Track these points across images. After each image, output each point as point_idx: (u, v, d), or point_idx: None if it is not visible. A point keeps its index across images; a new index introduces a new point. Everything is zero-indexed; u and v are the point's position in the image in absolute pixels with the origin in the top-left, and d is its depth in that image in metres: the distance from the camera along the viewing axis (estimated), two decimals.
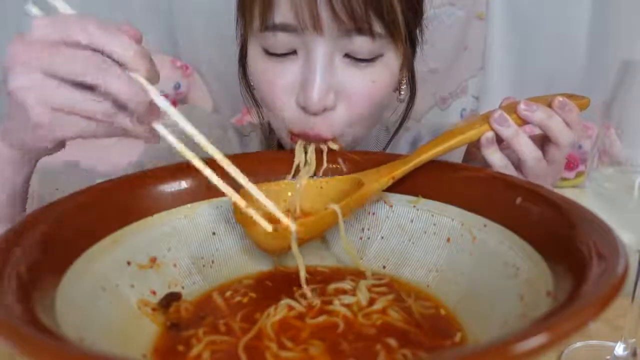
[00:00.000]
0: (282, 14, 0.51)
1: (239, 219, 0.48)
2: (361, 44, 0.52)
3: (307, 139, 0.55)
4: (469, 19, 1.19)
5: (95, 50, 0.36)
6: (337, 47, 0.52)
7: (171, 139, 0.39)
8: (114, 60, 0.36)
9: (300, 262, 0.45)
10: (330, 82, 0.53)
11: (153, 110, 0.39)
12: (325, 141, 0.55)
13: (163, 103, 0.38)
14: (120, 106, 0.37)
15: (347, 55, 0.53)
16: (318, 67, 0.52)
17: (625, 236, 0.35)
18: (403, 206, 0.51)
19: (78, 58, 0.36)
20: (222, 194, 0.50)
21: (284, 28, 0.52)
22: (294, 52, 0.53)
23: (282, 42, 0.53)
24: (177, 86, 1.17)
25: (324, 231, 0.49)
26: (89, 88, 0.36)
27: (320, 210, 0.48)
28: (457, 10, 1.17)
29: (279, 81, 0.54)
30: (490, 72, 1.22)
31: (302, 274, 0.45)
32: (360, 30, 0.51)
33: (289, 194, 0.52)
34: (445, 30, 0.62)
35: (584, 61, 1.17)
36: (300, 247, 0.48)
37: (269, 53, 0.54)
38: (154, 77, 0.38)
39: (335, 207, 0.46)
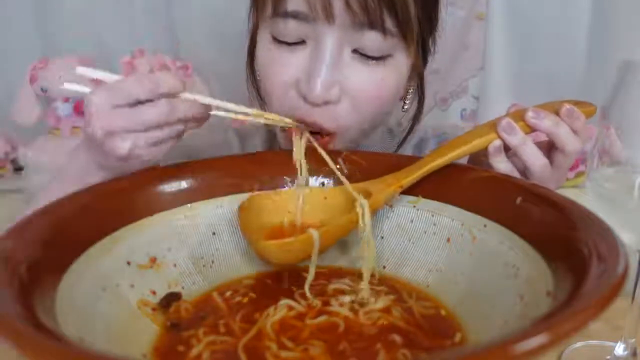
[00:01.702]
0: (295, 1, 0.51)
1: (244, 228, 0.48)
2: (372, 40, 0.52)
3: (304, 124, 0.54)
4: (469, 19, 1.19)
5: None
6: (347, 40, 0.52)
7: (205, 99, 0.48)
8: (168, 94, 0.45)
9: (312, 272, 0.45)
10: (336, 76, 0.53)
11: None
12: (322, 134, 0.55)
13: (209, 100, 0.48)
14: (187, 120, 0.47)
15: (356, 51, 0.53)
16: (326, 57, 0.52)
17: (625, 236, 0.35)
18: (403, 206, 0.51)
19: (156, 110, 0.44)
20: (222, 194, 0.51)
21: (296, 15, 0.52)
22: (303, 42, 0.53)
23: (292, 30, 0.53)
24: None
25: (334, 242, 0.49)
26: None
27: (327, 221, 0.48)
28: (457, 10, 1.17)
29: (284, 69, 0.54)
30: (490, 72, 1.22)
31: (310, 279, 0.45)
32: (372, 25, 0.51)
33: (293, 204, 0.51)
34: (443, 28, 0.62)
35: (584, 61, 1.17)
36: None
37: (278, 41, 0.54)
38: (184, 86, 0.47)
39: (365, 203, 0.46)
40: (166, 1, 1.20)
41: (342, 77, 0.53)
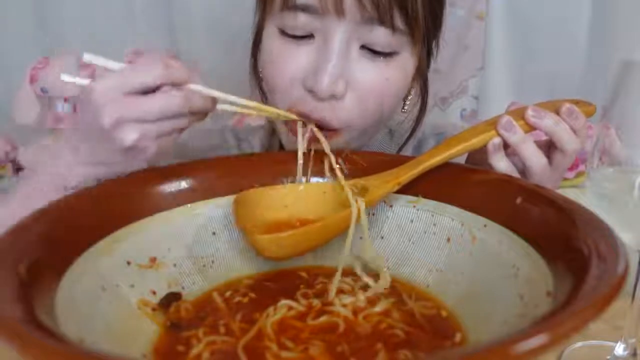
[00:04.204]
0: None
1: (240, 224, 0.48)
2: (380, 36, 0.52)
3: (308, 120, 0.54)
4: (469, 19, 1.19)
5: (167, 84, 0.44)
6: (356, 35, 0.52)
7: (212, 91, 0.47)
8: (179, 84, 0.44)
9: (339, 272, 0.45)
10: (343, 71, 0.53)
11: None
12: (328, 130, 0.55)
13: (214, 92, 0.47)
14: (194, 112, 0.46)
15: (363, 47, 0.53)
16: (334, 52, 0.52)
17: (625, 236, 0.35)
18: (403, 206, 0.51)
19: (171, 99, 0.43)
20: (222, 194, 0.51)
21: (306, 8, 0.52)
22: (310, 36, 0.54)
23: (301, 23, 0.53)
24: None
25: (332, 237, 0.49)
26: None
27: (326, 216, 0.48)
28: (457, 10, 1.17)
29: (291, 62, 0.54)
30: (490, 72, 1.22)
31: (338, 275, 0.45)
32: (381, 21, 0.51)
33: (289, 199, 0.51)
34: (445, 30, 0.62)
35: (584, 61, 1.17)
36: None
37: (286, 34, 0.54)
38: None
39: (361, 203, 0.47)
40: (166, 1, 1.20)
41: (348, 72, 0.53)
